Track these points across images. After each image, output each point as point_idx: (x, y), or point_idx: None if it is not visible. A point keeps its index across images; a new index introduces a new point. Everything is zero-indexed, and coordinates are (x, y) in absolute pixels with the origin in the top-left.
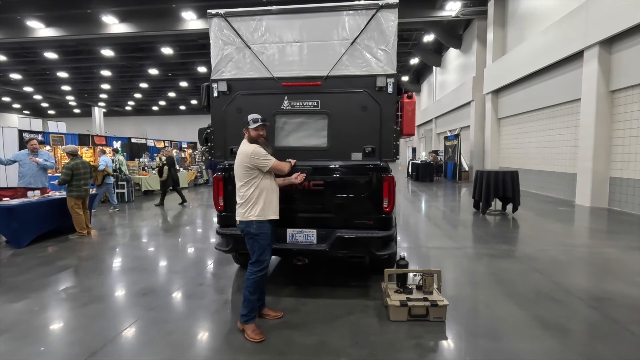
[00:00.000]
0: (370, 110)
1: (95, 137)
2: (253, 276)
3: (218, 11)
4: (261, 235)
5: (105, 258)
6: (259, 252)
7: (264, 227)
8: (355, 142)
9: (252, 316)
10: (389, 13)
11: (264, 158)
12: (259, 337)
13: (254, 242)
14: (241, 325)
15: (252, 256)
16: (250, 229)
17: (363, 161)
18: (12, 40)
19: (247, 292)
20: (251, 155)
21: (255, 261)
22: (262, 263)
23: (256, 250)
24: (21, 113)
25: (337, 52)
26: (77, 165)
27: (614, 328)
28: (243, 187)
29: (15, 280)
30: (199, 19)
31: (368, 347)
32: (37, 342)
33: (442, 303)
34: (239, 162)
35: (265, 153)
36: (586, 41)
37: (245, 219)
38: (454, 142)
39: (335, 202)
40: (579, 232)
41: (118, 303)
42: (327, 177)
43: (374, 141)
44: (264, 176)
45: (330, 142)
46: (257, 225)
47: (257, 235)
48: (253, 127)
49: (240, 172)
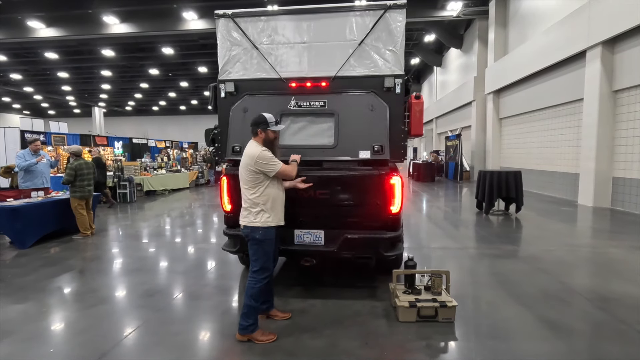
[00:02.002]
0: (378, 111)
1: (96, 137)
2: (259, 284)
3: (225, 12)
4: (267, 241)
5: (110, 259)
6: (264, 259)
7: (270, 233)
8: (363, 142)
9: (256, 323)
10: (397, 13)
11: (270, 162)
12: (272, 336)
13: (258, 248)
14: (245, 336)
15: (256, 263)
16: (255, 234)
17: (371, 161)
18: (13, 40)
19: (252, 300)
20: (257, 159)
21: (260, 269)
22: (267, 270)
23: (260, 257)
24: (21, 113)
25: (345, 52)
26: (81, 166)
27: (622, 329)
28: (248, 190)
29: (21, 281)
30: (200, 19)
31: (378, 348)
32: (46, 344)
33: (451, 304)
34: (244, 165)
35: (272, 157)
36: (589, 41)
37: (251, 224)
38: (455, 142)
39: (343, 203)
40: (583, 232)
41: (125, 304)
42: (334, 179)
43: (382, 142)
44: (270, 181)
45: (338, 141)
46: (264, 231)
47: (262, 241)
48: (273, 130)
49: (246, 175)
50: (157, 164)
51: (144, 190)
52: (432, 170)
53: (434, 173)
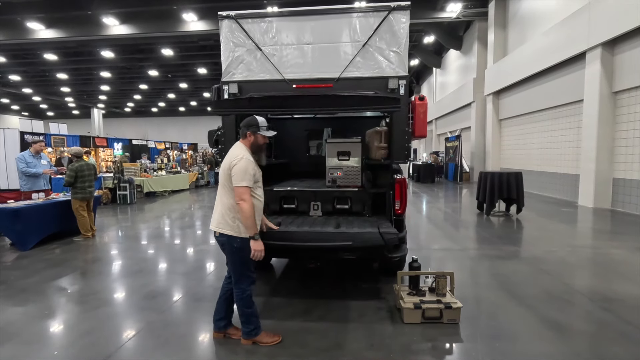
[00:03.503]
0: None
1: (96, 138)
2: (245, 294)
3: (229, 13)
4: (245, 249)
5: (111, 260)
6: (245, 268)
7: (248, 241)
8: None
9: (259, 325)
10: (401, 15)
11: (241, 177)
12: (277, 337)
13: (236, 257)
14: (250, 340)
15: (235, 273)
16: (233, 243)
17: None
18: (13, 41)
19: (245, 308)
20: (234, 164)
21: (239, 279)
22: (249, 278)
23: (239, 267)
24: (20, 115)
25: (349, 54)
26: (82, 167)
27: (627, 329)
28: (225, 194)
29: (22, 283)
30: (199, 20)
31: (384, 350)
32: (49, 347)
33: (456, 305)
34: (223, 167)
35: (247, 173)
36: (589, 42)
37: (228, 232)
38: (455, 143)
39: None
40: (584, 233)
41: (127, 306)
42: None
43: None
44: (254, 187)
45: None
46: (242, 240)
47: (241, 250)
48: (263, 134)
49: (224, 178)
50: (157, 165)
51: (144, 191)
52: (432, 171)
53: (434, 174)
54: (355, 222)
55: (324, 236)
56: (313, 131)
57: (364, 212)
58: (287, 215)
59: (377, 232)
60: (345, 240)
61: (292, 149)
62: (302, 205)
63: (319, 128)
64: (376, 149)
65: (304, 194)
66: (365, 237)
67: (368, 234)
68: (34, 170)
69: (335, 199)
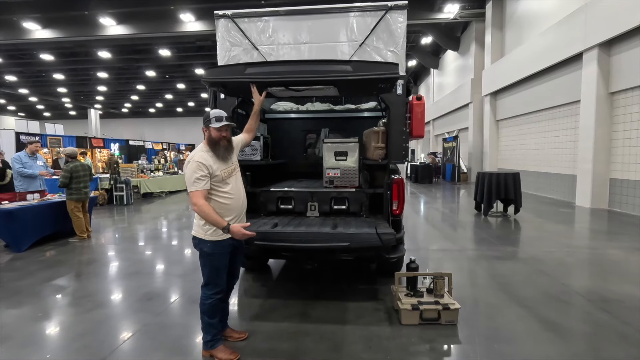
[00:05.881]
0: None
1: (92, 139)
2: (209, 300)
3: (225, 12)
4: (216, 255)
5: (107, 262)
6: (214, 274)
7: (220, 246)
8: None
9: (217, 338)
10: (398, 14)
11: (189, 182)
12: (233, 356)
13: (206, 260)
14: (208, 352)
15: (204, 277)
16: (203, 247)
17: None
18: (9, 41)
19: (206, 317)
20: (187, 165)
21: (207, 283)
22: (216, 286)
23: (207, 272)
24: (16, 115)
25: (346, 53)
26: (77, 168)
27: (626, 330)
28: None
29: (16, 285)
30: (197, 20)
31: (382, 351)
32: (43, 349)
33: (454, 306)
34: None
35: (196, 174)
36: (585, 43)
37: (199, 236)
38: (453, 144)
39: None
40: (582, 233)
41: (123, 308)
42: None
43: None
44: (222, 188)
45: None
46: (212, 244)
47: (210, 255)
48: (215, 127)
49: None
50: (154, 166)
51: (141, 192)
52: (429, 172)
53: (432, 175)
54: (352, 223)
55: (321, 237)
56: (310, 131)
57: (362, 212)
58: (284, 216)
59: (375, 232)
60: (343, 241)
61: (289, 149)
62: (299, 206)
63: (316, 128)
64: (374, 149)
65: (301, 194)
66: (362, 237)
67: (365, 235)
68: (30, 171)
69: (333, 199)
